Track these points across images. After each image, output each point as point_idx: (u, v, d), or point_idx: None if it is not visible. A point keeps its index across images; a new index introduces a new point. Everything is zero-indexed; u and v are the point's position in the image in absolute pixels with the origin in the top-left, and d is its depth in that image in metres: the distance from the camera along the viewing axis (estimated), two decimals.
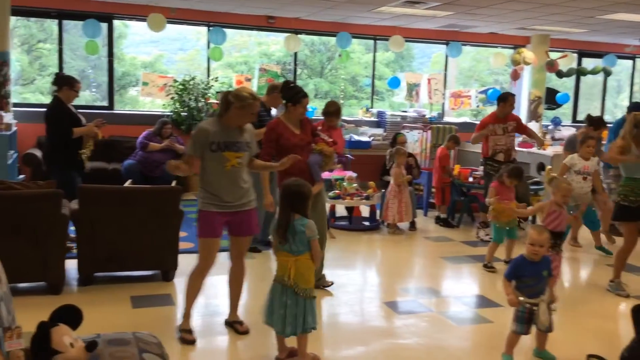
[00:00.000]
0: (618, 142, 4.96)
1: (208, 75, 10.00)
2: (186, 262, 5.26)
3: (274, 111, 6.22)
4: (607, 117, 9.23)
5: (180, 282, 4.89)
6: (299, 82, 12.37)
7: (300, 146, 4.62)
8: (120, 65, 13.97)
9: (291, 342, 3.55)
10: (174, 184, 5.71)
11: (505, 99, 6.80)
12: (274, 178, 5.05)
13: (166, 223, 4.80)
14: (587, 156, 5.87)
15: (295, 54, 10.71)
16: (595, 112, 10.85)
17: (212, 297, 4.60)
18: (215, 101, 9.50)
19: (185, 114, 9.23)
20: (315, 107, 10.97)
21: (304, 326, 3.37)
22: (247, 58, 15.81)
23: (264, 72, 10.02)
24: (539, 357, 3.74)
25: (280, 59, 14.82)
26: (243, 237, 3.90)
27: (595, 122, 6.67)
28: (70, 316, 2.36)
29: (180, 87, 9.17)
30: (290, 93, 4.58)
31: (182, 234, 5.09)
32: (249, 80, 10.24)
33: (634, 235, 5.02)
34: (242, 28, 10.84)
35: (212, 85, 9.52)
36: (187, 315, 3.87)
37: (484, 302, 4.82)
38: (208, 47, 9.79)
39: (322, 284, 4.90)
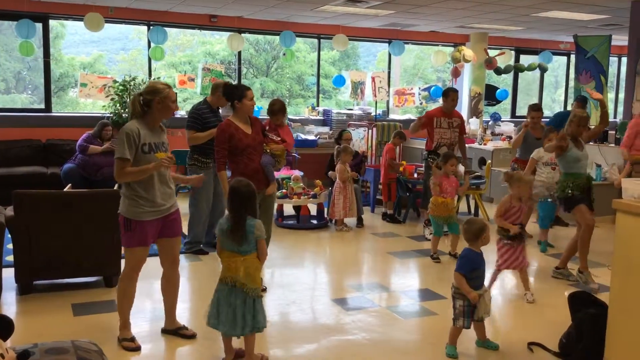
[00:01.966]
0: (560, 137, 5.15)
1: (150, 76, 9.80)
2: None
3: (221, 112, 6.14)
4: (545, 112, 9.52)
5: None
6: (245, 82, 12.30)
7: (253, 146, 4.58)
8: (58, 67, 13.52)
9: (238, 343, 3.52)
10: (115, 187, 5.57)
11: (447, 94, 6.94)
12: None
13: (107, 228, 4.67)
14: (549, 149, 5.93)
15: (240, 53, 10.62)
16: None
17: (158, 301, 4.49)
18: None
19: (127, 115, 9.01)
20: (260, 107, 10.92)
21: (254, 325, 3.35)
22: (191, 57, 15.59)
23: (208, 71, 9.90)
24: (483, 347, 3.83)
25: (224, 58, 14.67)
26: (175, 238, 3.80)
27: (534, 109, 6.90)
28: (1, 327, 2.27)
29: (121, 87, 8.95)
30: (232, 92, 4.54)
31: None
32: (192, 80, 10.09)
33: (588, 214, 5.08)
34: (184, 27, 10.68)
35: None
36: (125, 324, 3.75)
37: (429, 295, 4.91)
38: (149, 46, 9.59)
39: None
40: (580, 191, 5.08)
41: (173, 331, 3.91)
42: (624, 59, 13.04)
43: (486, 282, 5.03)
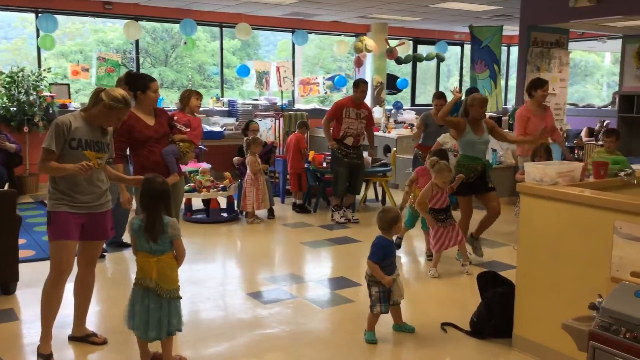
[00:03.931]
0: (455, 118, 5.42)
1: (39, 66, 9.16)
2: (29, 272, 4.81)
3: None
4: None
5: (23, 295, 4.45)
6: (142, 71, 11.80)
7: (155, 138, 4.41)
8: None
9: (155, 345, 3.37)
10: (6, 186, 5.16)
11: (357, 85, 7.00)
12: (129, 174, 4.76)
13: (1, 230, 4.32)
14: (454, 135, 6.11)
15: (137, 41, 10.17)
16: (431, 95, 11.64)
17: (63, 306, 4.22)
18: (49, 94, 8.76)
19: (15, 109, 8.38)
20: (162, 98, 10.55)
21: (169, 329, 3.24)
22: (82, 46, 14.77)
23: (103, 61, 9.40)
24: (400, 330, 3.92)
25: (119, 46, 14.04)
26: (96, 242, 3.61)
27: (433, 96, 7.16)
28: None
29: (8, 79, 8.30)
30: (136, 82, 4.32)
31: (21, 241, 4.66)
32: (86, 70, 9.56)
33: (469, 208, 5.53)
34: (76, 14, 10.06)
35: (45, 77, 8.73)
36: (46, 336, 3.47)
37: (344, 282, 4.96)
38: (37, 35, 8.95)
39: None
40: (472, 173, 5.31)
41: (82, 338, 3.68)
42: (513, 49, 13.86)
43: (424, 269, 5.24)
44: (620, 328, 2.37)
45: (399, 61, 11.93)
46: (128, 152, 4.61)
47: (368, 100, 11.74)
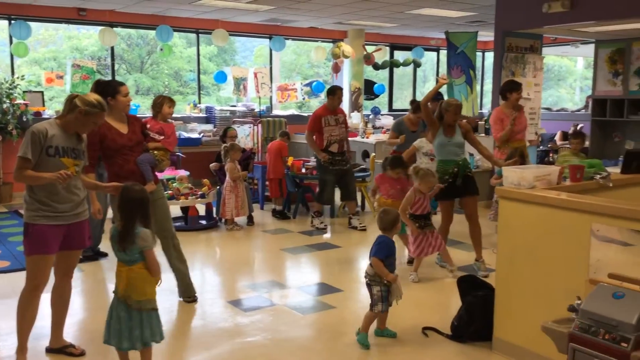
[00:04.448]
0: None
1: (12, 74, 9.01)
2: (3, 284, 4.73)
3: None
4: None
5: None
6: (118, 78, 11.68)
7: (129, 146, 4.32)
8: None
9: (135, 356, 3.32)
10: None
11: (334, 92, 7.02)
12: (103, 182, 4.67)
13: None
14: (430, 139, 6.12)
15: (112, 48, 10.07)
16: (408, 100, 11.74)
17: (42, 317, 4.14)
18: (22, 102, 8.62)
19: None
20: (138, 105, 10.45)
21: (142, 340, 3.19)
22: (56, 53, 14.56)
23: (78, 68, 9.28)
24: (382, 335, 3.92)
25: (94, 53, 13.87)
26: (74, 251, 3.55)
27: (415, 107, 7.19)
28: None
29: None
30: (104, 88, 4.21)
31: None
32: (60, 77, 9.43)
33: (449, 213, 5.52)
34: (50, 21, 9.92)
35: (18, 85, 8.59)
36: (22, 348, 3.40)
37: (325, 289, 4.95)
38: (10, 42, 8.81)
39: (187, 294, 4.67)
40: (448, 176, 5.33)
41: (59, 350, 3.61)
42: (488, 54, 14.03)
43: (405, 274, 5.22)
44: (599, 329, 2.40)
45: (376, 67, 11.99)
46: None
47: (346, 106, 11.80)
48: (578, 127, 10.87)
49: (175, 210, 7.33)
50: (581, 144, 6.02)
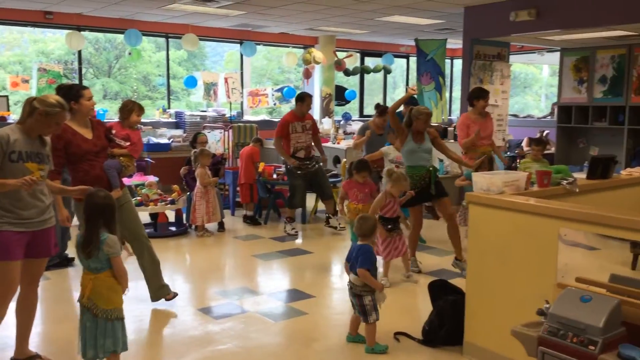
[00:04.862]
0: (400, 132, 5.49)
1: None
2: None
3: None
4: None
5: None
6: (85, 83, 11.52)
7: (95, 152, 4.24)
8: None
9: None
10: None
11: (303, 99, 7.02)
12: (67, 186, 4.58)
13: None
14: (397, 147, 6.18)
15: (79, 52, 9.91)
16: None
17: (4, 327, 4.03)
18: None
19: None
20: (106, 109, 10.30)
21: (106, 350, 3.14)
22: (22, 57, 14.25)
23: (44, 72, 9.10)
24: (354, 341, 3.91)
25: (60, 57, 13.63)
26: (40, 260, 3.46)
27: (380, 110, 7.25)
28: None
29: None
30: (67, 93, 4.12)
31: None
32: (26, 81, 9.24)
33: (419, 218, 5.61)
34: (15, 24, 9.71)
35: None
36: None
37: (297, 295, 4.93)
38: None
39: (162, 295, 4.64)
40: (419, 183, 5.38)
41: None
42: (456, 61, 14.22)
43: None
44: (568, 333, 2.44)
45: (347, 73, 12.05)
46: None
47: (317, 112, 11.84)
48: (544, 134, 11.09)
49: (144, 216, 7.21)
50: (542, 150, 6.15)
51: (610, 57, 9.14)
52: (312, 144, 7.16)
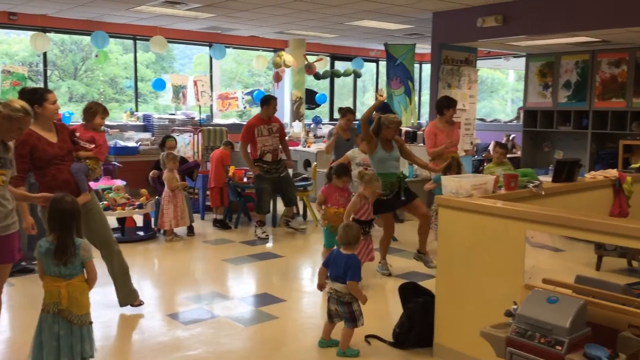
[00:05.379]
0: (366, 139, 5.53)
1: None
2: None
3: None
4: (358, 115, 10.10)
5: None
6: (50, 85, 11.32)
7: (61, 156, 4.15)
8: None
9: None
10: None
11: (268, 102, 7.00)
12: (34, 192, 4.47)
13: None
14: (363, 149, 6.12)
15: (45, 54, 9.72)
16: None
17: None
18: None
19: None
20: (72, 112, 10.11)
21: (82, 356, 3.08)
22: None
23: (8, 74, 8.90)
24: (326, 346, 3.90)
25: (25, 59, 13.35)
26: (3, 265, 3.37)
27: (342, 112, 7.31)
28: None
29: None
30: (30, 96, 4.02)
31: None
32: None
33: (390, 223, 5.65)
34: None
35: None
36: None
37: (267, 299, 4.91)
38: None
39: (130, 301, 4.58)
40: (390, 190, 5.45)
41: None
42: (425, 66, 14.37)
43: None
44: (535, 333, 2.48)
45: (317, 76, 12.07)
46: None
47: (287, 115, 11.83)
48: (510, 138, 11.29)
49: (111, 221, 7.07)
50: (505, 154, 6.29)
51: (575, 62, 9.34)
52: (280, 147, 7.14)
